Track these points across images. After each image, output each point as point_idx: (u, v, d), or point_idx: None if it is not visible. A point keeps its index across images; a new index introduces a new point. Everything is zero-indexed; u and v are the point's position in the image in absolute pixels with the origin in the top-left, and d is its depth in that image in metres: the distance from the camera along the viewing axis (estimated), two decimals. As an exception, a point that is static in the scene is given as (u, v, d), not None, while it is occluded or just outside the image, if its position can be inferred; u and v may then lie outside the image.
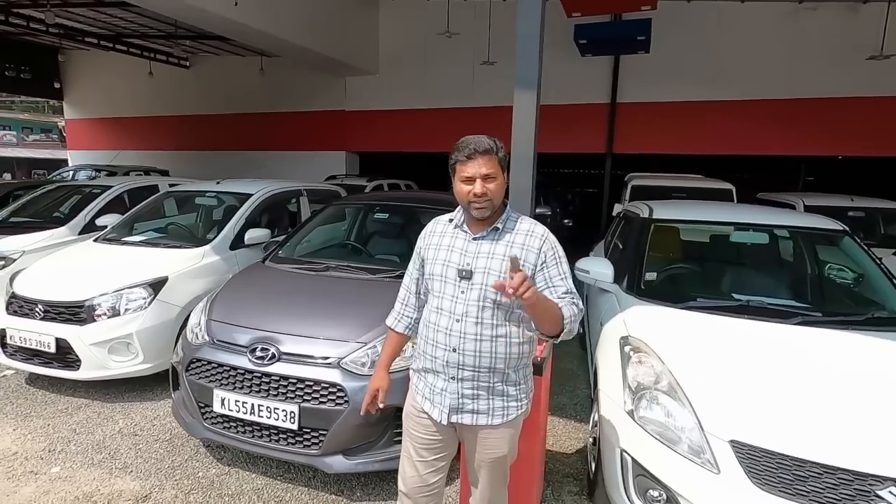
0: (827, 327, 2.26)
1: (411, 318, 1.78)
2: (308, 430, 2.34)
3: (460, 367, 1.57)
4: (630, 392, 2.05)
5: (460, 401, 1.59)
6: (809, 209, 6.55)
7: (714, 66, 9.27)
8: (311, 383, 2.34)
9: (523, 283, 1.32)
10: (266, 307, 2.74)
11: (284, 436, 2.38)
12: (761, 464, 1.68)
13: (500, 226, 1.60)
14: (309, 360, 2.39)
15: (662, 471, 1.85)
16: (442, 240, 1.66)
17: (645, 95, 9.81)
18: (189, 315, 3.05)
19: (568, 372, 3.96)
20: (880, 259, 2.71)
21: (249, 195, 4.55)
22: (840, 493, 1.58)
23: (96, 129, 15.77)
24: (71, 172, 11.85)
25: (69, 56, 15.25)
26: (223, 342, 2.55)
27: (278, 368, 2.38)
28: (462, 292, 1.57)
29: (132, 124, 15.01)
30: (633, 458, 1.96)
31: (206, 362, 2.54)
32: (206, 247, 3.98)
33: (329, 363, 2.37)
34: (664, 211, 3.21)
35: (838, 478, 1.59)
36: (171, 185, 5.80)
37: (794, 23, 8.77)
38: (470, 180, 1.54)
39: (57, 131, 31.30)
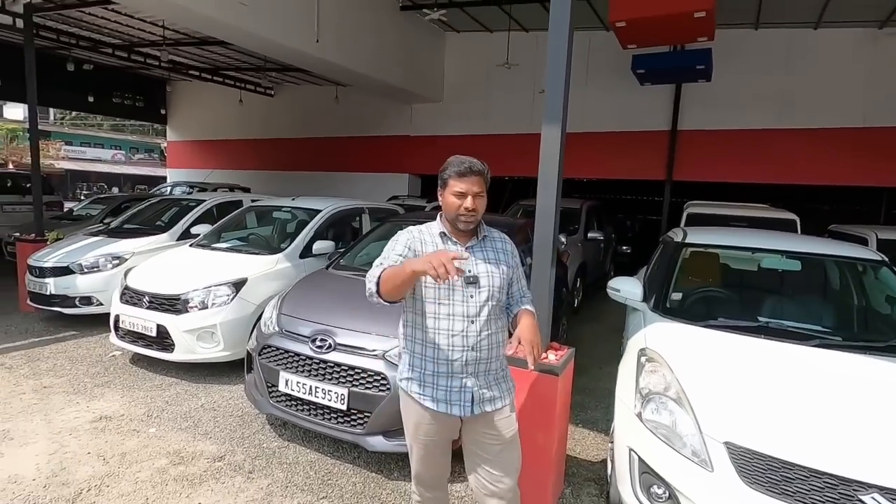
0: (845, 351, 2.33)
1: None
2: (355, 411, 2.72)
3: (478, 362, 1.73)
4: (640, 397, 2.24)
5: (481, 392, 1.75)
6: (882, 242, 6.24)
7: (782, 94, 9.02)
8: (360, 370, 2.73)
9: (531, 347, 1.63)
10: (326, 305, 3.18)
11: (335, 415, 2.77)
12: (752, 464, 1.82)
13: (486, 234, 1.84)
14: (359, 350, 2.78)
15: (664, 469, 2.02)
16: (434, 247, 1.76)
17: (707, 123, 9.68)
18: (263, 311, 3.56)
19: (605, 391, 4.09)
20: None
21: (319, 211, 5.13)
22: (825, 495, 1.70)
23: (192, 150, 17.70)
24: (169, 188, 13.41)
25: (174, 86, 17.36)
26: (290, 332, 3.01)
27: (333, 356, 2.79)
28: (471, 296, 1.72)
29: (223, 146, 16.73)
30: (639, 457, 2.14)
31: (275, 348, 3.00)
32: (280, 254, 4.55)
33: (376, 354, 2.75)
34: (696, 236, 3.34)
35: (824, 481, 1.71)
36: (252, 201, 6.57)
37: (872, 48, 8.40)
38: (461, 195, 1.71)
39: (158, 151, 35.09)
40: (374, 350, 2.77)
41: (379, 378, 2.69)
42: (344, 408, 2.72)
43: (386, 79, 10.29)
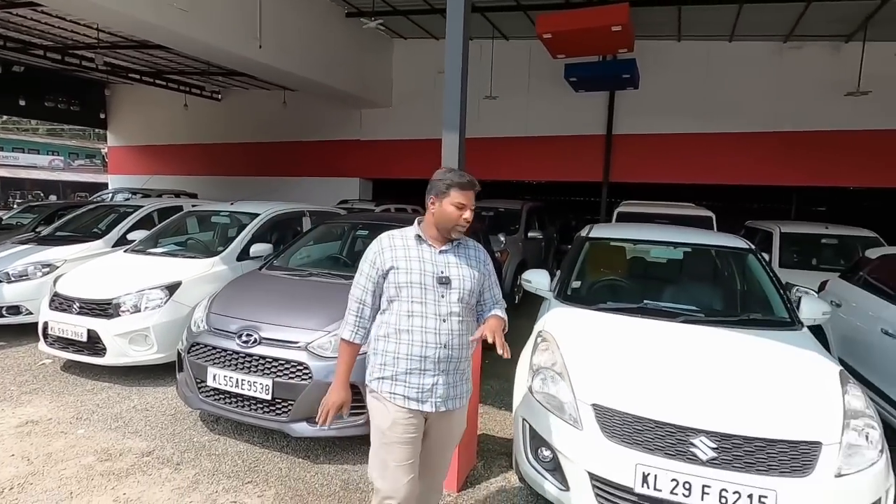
0: (705, 325, 2.72)
1: (366, 329, 1.89)
2: (280, 400, 2.89)
3: (449, 360, 1.82)
4: (532, 372, 2.53)
5: (449, 390, 1.84)
6: (784, 235, 6.93)
7: (703, 101, 9.77)
8: (284, 362, 2.90)
9: (495, 334, 1.75)
10: (254, 302, 3.33)
11: (261, 405, 2.93)
12: (612, 421, 2.13)
13: (461, 240, 1.92)
14: (283, 343, 2.95)
15: (549, 433, 2.31)
16: (409, 252, 1.84)
17: (638, 128, 10.34)
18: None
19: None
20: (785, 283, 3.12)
21: (257, 215, 5.23)
22: (667, 441, 2.02)
23: (135, 156, 17.13)
24: (110, 195, 12.97)
25: (114, 90, 16.76)
26: (218, 329, 3.15)
27: (259, 350, 2.95)
28: (442, 296, 1.81)
29: (168, 151, 16.28)
30: (530, 425, 2.42)
31: (203, 345, 3.13)
32: (216, 258, 4.63)
33: (298, 346, 2.93)
34: (598, 231, 3.71)
35: (665, 430, 2.04)
36: (192, 206, 6.56)
37: (779, 60, 9.25)
38: (462, 207, 1.81)
39: (100, 157, 33.47)
40: (297, 342, 2.94)
41: (302, 368, 2.88)
42: (269, 398, 2.88)
43: (333, 84, 10.41)
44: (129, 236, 5.68)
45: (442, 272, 1.83)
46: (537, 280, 3.41)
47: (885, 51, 7.63)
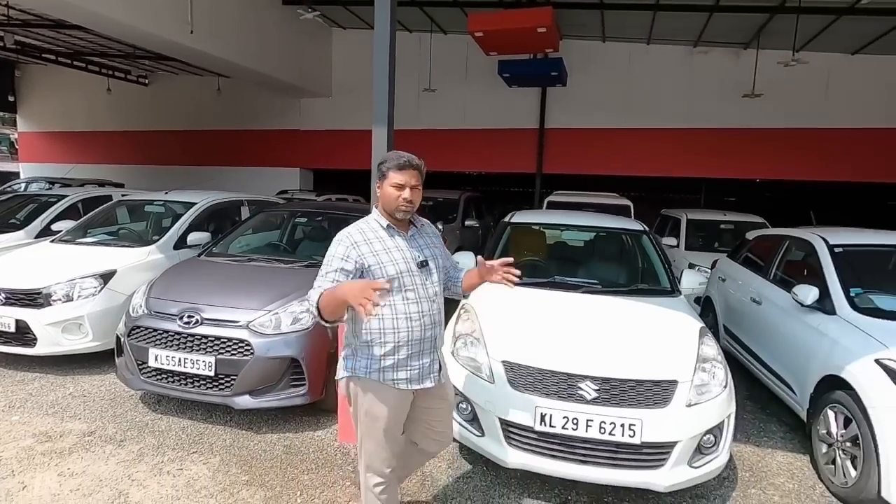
0: (601, 294, 3.20)
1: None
2: (222, 376, 3.08)
3: (438, 337, 1.97)
4: (454, 339, 2.89)
5: (439, 362, 2.00)
6: (691, 222, 7.76)
7: (625, 98, 10.58)
8: (226, 340, 3.09)
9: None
10: (195, 286, 3.47)
11: (204, 381, 3.10)
12: (517, 373, 2.53)
13: (421, 223, 2.03)
14: (225, 322, 3.14)
15: (468, 390, 2.68)
16: (385, 244, 1.87)
17: (568, 122, 11.02)
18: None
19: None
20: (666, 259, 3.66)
21: (193, 203, 5.25)
22: (559, 386, 2.45)
23: (51, 143, 15.92)
24: (23, 185, 12.07)
25: (25, 70, 15.47)
26: (158, 312, 3.27)
27: (201, 330, 3.12)
28: (426, 278, 1.91)
29: (89, 139, 15.28)
30: (454, 385, 2.78)
31: (143, 328, 3.24)
32: (152, 246, 4.65)
33: (240, 325, 3.12)
34: (519, 216, 4.15)
35: (558, 377, 2.46)
36: (123, 196, 6.41)
37: (690, 63, 10.18)
38: (400, 187, 1.84)
39: (7, 143, 30.54)
40: (238, 321, 3.14)
41: (244, 345, 3.08)
42: (212, 374, 3.06)
43: (269, 72, 10.27)
44: (55, 226, 5.51)
45: (418, 257, 1.92)
46: (463, 261, 3.74)
47: (773, 58, 8.64)
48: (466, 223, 8.69)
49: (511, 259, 2.06)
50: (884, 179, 9.55)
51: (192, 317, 3.17)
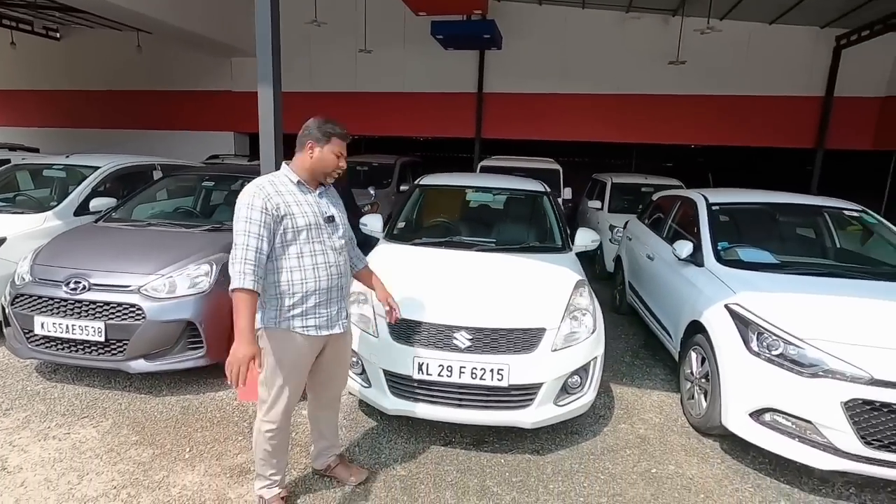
0: (494, 252, 3.36)
1: (262, 276, 1.91)
2: (114, 341, 3.05)
3: (344, 287, 2.12)
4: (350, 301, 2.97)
5: (344, 311, 2.14)
6: (615, 185, 8.09)
7: (561, 63, 10.68)
8: (116, 305, 3.04)
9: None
10: (84, 252, 3.36)
11: (94, 347, 3.06)
12: (399, 327, 2.66)
13: (326, 184, 2.12)
14: (114, 287, 3.08)
15: (357, 344, 2.79)
16: (297, 198, 1.97)
17: (506, 86, 11.04)
18: (22, 266, 3.56)
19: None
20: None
21: (97, 168, 4.99)
22: (437, 337, 2.60)
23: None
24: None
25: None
26: (43, 279, 3.16)
27: (88, 296, 3.05)
28: (332, 233, 2.04)
29: (-6, 98, 13.96)
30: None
31: (28, 296, 3.14)
32: (49, 213, 4.42)
33: (131, 289, 3.08)
34: (428, 179, 4.22)
35: (436, 329, 2.61)
36: (22, 160, 5.98)
37: (622, 29, 10.34)
38: (339, 155, 2.02)
39: None
40: (128, 286, 3.09)
41: (135, 309, 3.04)
42: (102, 339, 3.03)
43: (192, 28, 9.66)
44: (-61, 194, 5.09)
45: (325, 212, 2.04)
46: (372, 224, 3.83)
47: (696, 26, 8.91)
48: (402, 188, 8.68)
49: (398, 316, 2.40)
50: (800, 145, 10.21)
51: (79, 282, 3.09)
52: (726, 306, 2.90)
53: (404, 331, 2.65)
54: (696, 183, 8.03)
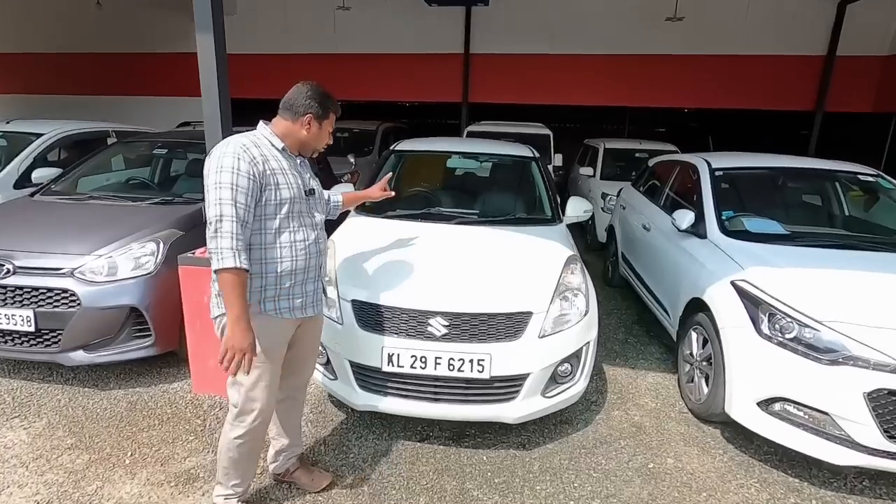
0: (476, 225, 3.01)
1: (247, 252, 1.66)
2: (46, 331, 2.69)
3: (321, 266, 1.91)
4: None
5: (320, 292, 1.94)
6: (608, 151, 7.72)
7: (551, 21, 10.07)
8: (46, 290, 2.67)
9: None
10: (11, 230, 2.96)
11: (24, 338, 2.71)
12: (366, 313, 2.34)
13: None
14: (43, 271, 2.70)
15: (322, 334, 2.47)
16: (281, 164, 1.74)
17: (494, 47, 10.43)
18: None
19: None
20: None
21: (40, 135, 4.51)
22: (409, 325, 2.28)
23: None
24: None
25: None
26: (-39, 263, 2.77)
27: (13, 280, 2.68)
28: (313, 206, 1.85)
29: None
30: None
31: (-56, 282, 2.75)
32: (-17, 185, 3.97)
33: (63, 272, 2.70)
34: (405, 144, 3.82)
35: (408, 315, 2.29)
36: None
37: (616, -17, 9.72)
38: (331, 132, 1.89)
39: None
40: (61, 269, 2.71)
41: (68, 295, 2.68)
42: (32, 329, 2.67)
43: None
44: None
45: (307, 184, 1.83)
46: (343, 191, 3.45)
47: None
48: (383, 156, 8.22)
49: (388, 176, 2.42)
50: (799, 108, 9.82)
51: (2, 265, 2.70)
52: (733, 283, 2.60)
53: (372, 317, 2.32)
54: (691, 148, 7.64)
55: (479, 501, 2.12)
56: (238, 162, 1.63)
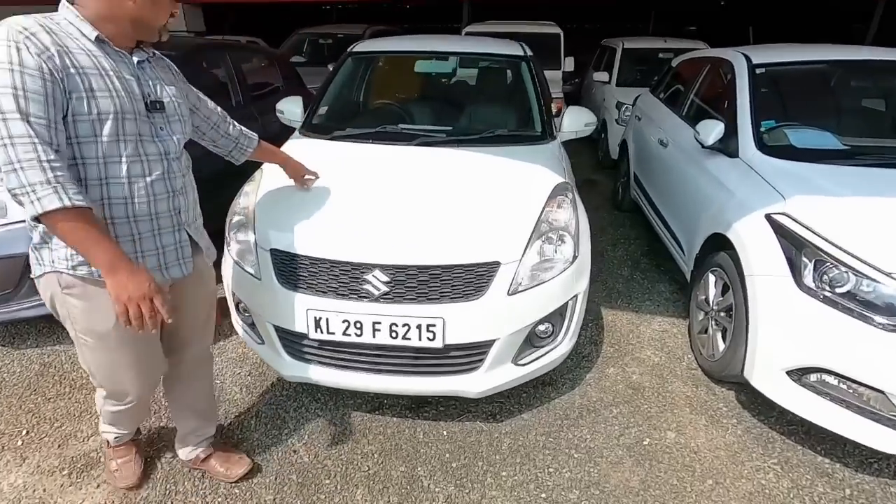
0: (443, 146, 2.39)
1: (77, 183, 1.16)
2: (-73, 287, 2.28)
3: (187, 209, 1.40)
4: (229, 218, 2.11)
5: (189, 247, 1.42)
6: (627, 51, 6.69)
7: None
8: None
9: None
10: None
11: None
12: (287, 266, 1.83)
13: (149, 50, 1.33)
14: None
15: (237, 285, 2.00)
16: (98, 62, 1.17)
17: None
18: None
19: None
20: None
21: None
22: (339, 281, 1.77)
23: None
24: None
25: None
26: None
27: None
28: (161, 128, 1.30)
29: None
30: (227, 283, 2.08)
31: None
32: None
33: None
34: (364, 45, 3.06)
35: (340, 269, 1.78)
36: None
37: None
38: (173, 1, 1.28)
39: None
40: (-69, 212, 2.23)
41: (-55, 244, 2.22)
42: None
43: None
44: None
45: (148, 93, 1.28)
46: (290, 109, 2.83)
47: None
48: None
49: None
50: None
51: None
52: (769, 217, 2.01)
53: (294, 271, 1.82)
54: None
55: (430, 493, 1.74)
56: (17, 54, 1.06)
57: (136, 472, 1.73)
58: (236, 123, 1.71)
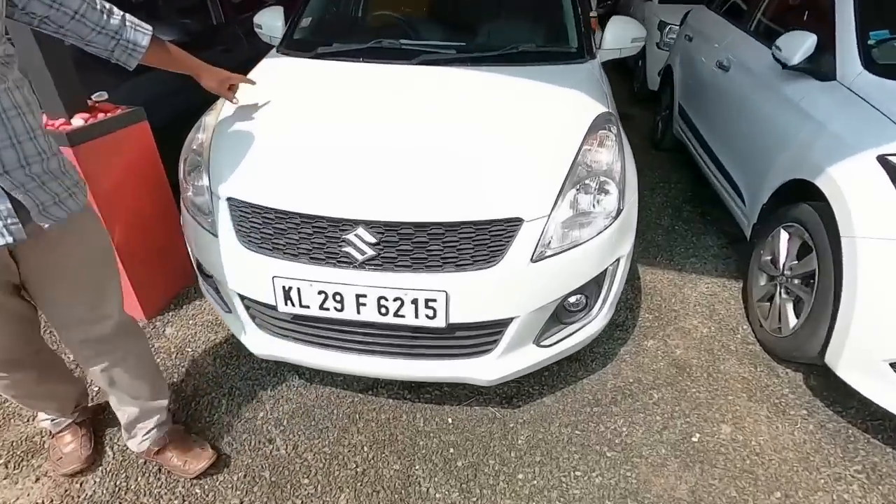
0: (453, 65, 1.88)
1: None
2: None
3: (3, 149, 0.96)
4: (183, 157, 1.70)
5: (28, 200, 1.01)
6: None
7: None
8: None
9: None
10: None
11: None
12: (248, 220, 1.43)
13: None
14: None
15: (193, 243, 1.63)
16: None
17: None
18: None
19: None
20: None
21: None
22: (314, 241, 1.37)
23: None
24: None
25: None
26: None
27: None
28: None
29: None
30: (186, 237, 1.72)
31: None
32: None
33: None
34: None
35: (315, 226, 1.37)
36: None
37: None
38: None
39: None
40: None
41: None
42: None
43: None
44: None
45: None
46: (269, 24, 2.32)
47: None
48: None
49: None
50: None
51: None
52: (882, 158, 1.51)
53: (257, 228, 1.42)
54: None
55: (429, 501, 1.43)
56: None
57: (82, 457, 1.47)
58: (122, 13, 1.20)
